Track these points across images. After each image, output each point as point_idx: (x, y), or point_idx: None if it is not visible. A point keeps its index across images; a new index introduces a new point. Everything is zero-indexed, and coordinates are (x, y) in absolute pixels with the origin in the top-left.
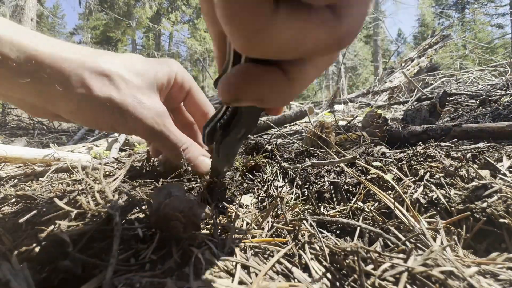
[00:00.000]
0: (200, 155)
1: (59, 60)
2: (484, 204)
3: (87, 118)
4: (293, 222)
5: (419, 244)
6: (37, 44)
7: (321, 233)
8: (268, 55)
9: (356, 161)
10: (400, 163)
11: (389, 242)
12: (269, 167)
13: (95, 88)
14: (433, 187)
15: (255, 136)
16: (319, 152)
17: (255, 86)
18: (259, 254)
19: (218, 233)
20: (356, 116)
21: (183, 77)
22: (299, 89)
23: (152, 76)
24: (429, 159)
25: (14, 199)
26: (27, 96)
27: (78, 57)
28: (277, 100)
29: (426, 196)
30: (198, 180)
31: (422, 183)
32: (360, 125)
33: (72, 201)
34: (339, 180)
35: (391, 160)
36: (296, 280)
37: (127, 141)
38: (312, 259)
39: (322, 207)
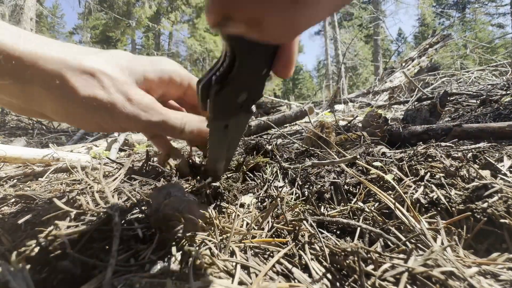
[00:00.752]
0: (199, 122)
1: (40, 59)
2: (485, 204)
3: (73, 119)
4: (293, 222)
5: (419, 245)
6: (16, 42)
7: (321, 233)
8: None
9: (357, 161)
10: (400, 163)
11: (389, 243)
12: (269, 167)
13: (79, 87)
14: (434, 187)
15: (255, 136)
16: (319, 152)
17: None
18: (259, 254)
19: (218, 233)
20: (357, 116)
21: (180, 75)
22: (307, 14)
23: (139, 73)
24: (430, 159)
25: (13, 199)
26: (12, 97)
27: (60, 56)
28: (279, 27)
29: (426, 196)
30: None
31: (423, 183)
32: (360, 125)
33: (72, 201)
34: (339, 180)
35: (391, 160)
36: (296, 280)
37: (126, 141)
38: (312, 259)
39: (322, 207)
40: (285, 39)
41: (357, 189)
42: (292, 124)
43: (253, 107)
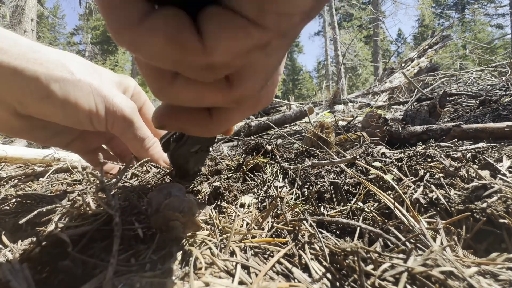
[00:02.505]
0: (161, 156)
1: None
2: (484, 205)
3: (67, 104)
4: (293, 222)
5: (419, 244)
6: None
7: (321, 233)
8: (175, 103)
9: (356, 161)
10: (400, 163)
11: (389, 242)
12: (269, 167)
13: (77, 73)
14: (433, 187)
15: (255, 136)
16: (319, 153)
17: (176, 120)
18: (259, 254)
19: (218, 233)
20: (356, 117)
21: (139, 89)
22: (222, 127)
23: (117, 81)
24: (429, 159)
25: (14, 199)
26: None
27: (59, 55)
28: (200, 132)
29: (426, 196)
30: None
31: (422, 183)
32: (360, 125)
33: (72, 201)
34: (339, 180)
35: (391, 160)
36: (296, 280)
37: None
38: (312, 259)
39: (322, 207)
40: (207, 135)
41: (357, 189)
42: (292, 124)
43: (210, 148)
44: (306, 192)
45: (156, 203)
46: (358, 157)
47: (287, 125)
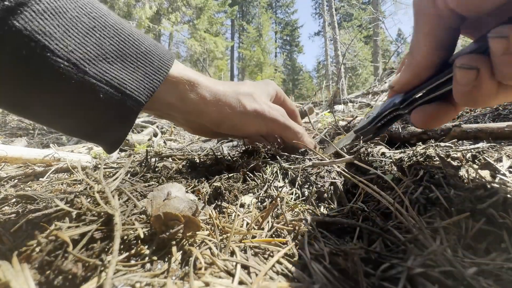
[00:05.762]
0: (310, 140)
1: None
2: (484, 205)
3: (241, 128)
4: (293, 222)
5: (418, 244)
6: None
7: (321, 233)
8: (481, 106)
9: (356, 161)
10: (400, 163)
11: (388, 242)
12: (269, 167)
13: (247, 105)
14: (433, 187)
15: None
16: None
17: (435, 121)
18: (259, 254)
19: (218, 233)
20: (356, 117)
21: (280, 91)
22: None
23: (268, 92)
24: (429, 159)
25: (14, 199)
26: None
27: (231, 88)
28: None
29: (426, 196)
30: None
31: (422, 183)
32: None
33: (72, 201)
34: (339, 180)
35: (391, 160)
36: (296, 280)
37: (127, 141)
38: (312, 259)
39: (322, 207)
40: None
41: (357, 189)
42: None
43: None
44: (306, 192)
45: (156, 203)
46: (358, 157)
47: None
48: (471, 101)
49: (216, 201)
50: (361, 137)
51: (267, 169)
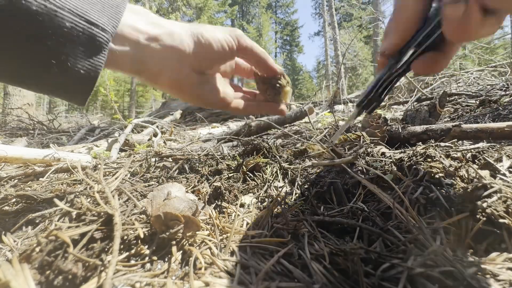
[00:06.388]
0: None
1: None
2: (484, 204)
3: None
4: (293, 222)
5: (418, 244)
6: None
7: (321, 233)
8: (472, 39)
9: (356, 161)
10: (400, 163)
11: (388, 242)
12: (269, 167)
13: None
14: (433, 187)
15: (255, 136)
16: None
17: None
18: (259, 254)
19: (218, 233)
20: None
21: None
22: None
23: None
24: (429, 159)
25: (14, 199)
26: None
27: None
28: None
29: (426, 196)
30: None
31: (422, 183)
32: (360, 125)
33: (72, 201)
34: (339, 180)
35: (391, 160)
36: (296, 280)
37: (127, 141)
38: (312, 259)
39: (322, 207)
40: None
41: (357, 189)
42: (291, 124)
43: None
44: (306, 192)
45: (156, 203)
46: (358, 157)
47: (287, 125)
48: (461, 34)
49: (216, 201)
50: (365, 109)
51: (267, 169)
